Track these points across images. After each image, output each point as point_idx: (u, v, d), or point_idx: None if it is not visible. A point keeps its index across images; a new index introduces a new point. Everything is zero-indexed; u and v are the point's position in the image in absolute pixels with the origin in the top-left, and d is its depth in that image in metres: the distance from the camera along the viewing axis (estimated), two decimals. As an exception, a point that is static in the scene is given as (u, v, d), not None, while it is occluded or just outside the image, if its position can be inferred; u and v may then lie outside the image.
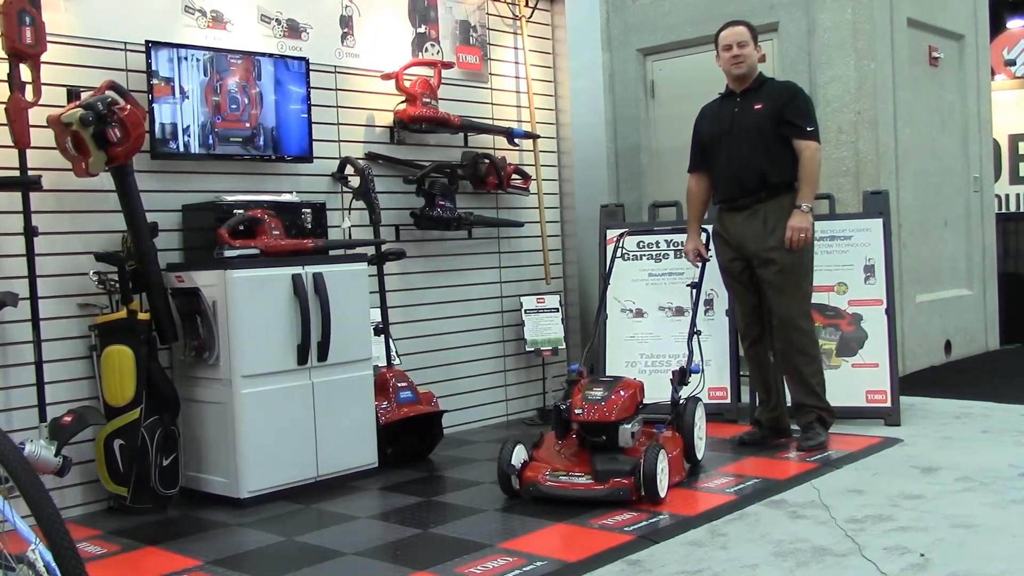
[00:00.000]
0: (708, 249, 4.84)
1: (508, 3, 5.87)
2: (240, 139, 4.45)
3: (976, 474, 4.00)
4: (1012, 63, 10.35)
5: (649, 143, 7.18)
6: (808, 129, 4.52)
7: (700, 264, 4.83)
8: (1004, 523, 3.37)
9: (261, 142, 4.53)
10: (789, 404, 4.80)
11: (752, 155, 4.56)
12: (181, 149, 4.26)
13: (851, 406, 5.11)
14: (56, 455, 3.59)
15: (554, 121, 6.16)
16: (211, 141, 4.35)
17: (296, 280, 4.18)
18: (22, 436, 3.70)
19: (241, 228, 4.20)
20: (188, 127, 4.26)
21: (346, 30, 5.06)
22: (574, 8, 6.13)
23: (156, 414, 4.03)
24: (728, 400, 5.37)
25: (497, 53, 5.85)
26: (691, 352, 4.57)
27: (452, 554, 3.28)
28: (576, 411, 3.93)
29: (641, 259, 5.65)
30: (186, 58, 4.26)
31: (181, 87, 4.24)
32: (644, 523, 3.54)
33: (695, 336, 4.62)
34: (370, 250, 4.75)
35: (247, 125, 4.47)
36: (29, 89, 3.76)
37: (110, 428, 3.97)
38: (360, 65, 5.12)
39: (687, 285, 4.84)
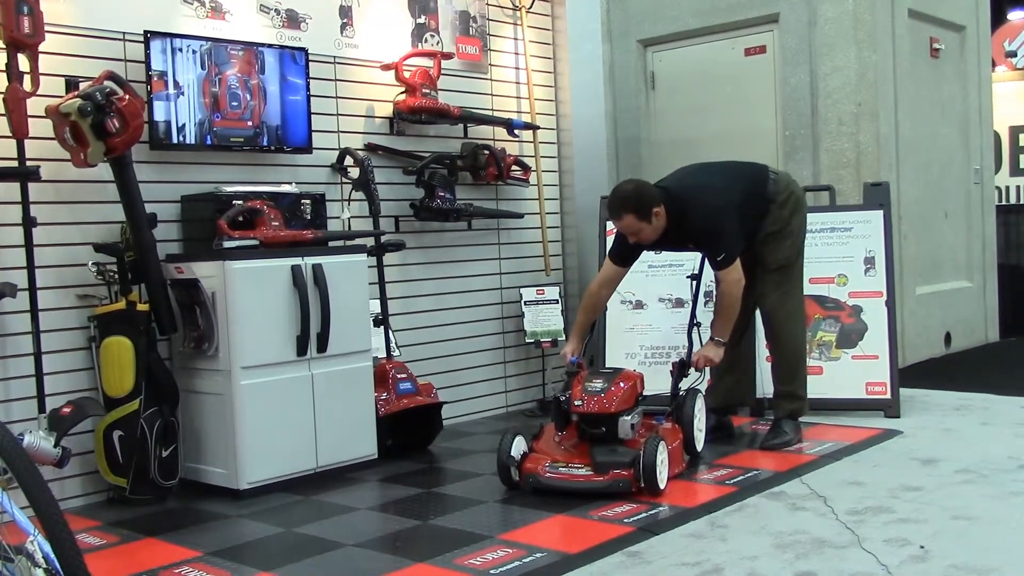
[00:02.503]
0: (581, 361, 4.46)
1: (508, -7, 5.86)
2: (241, 139, 4.45)
3: (976, 466, 4.00)
4: (1013, 55, 10.33)
5: (649, 135, 7.16)
6: (719, 259, 4.30)
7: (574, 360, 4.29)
8: (1004, 515, 3.37)
9: (264, 141, 4.52)
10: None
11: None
12: (177, 140, 4.25)
13: (851, 398, 5.12)
14: (55, 446, 3.58)
15: (554, 112, 6.15)
16: (209, 142, 4.34)
17: (295, 271, 4.17)
18: (21, 427, 3.70)
19: (240, 219, 4.19)
20: (184, 125, 4.24)
21: (345, 20, 5.05)
22: (574, -1, 6.12)
23: (155, 405, 4.03)
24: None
25: (497, 44, 5.83)
26: (691, 344, 4.57)
27: (452, 545, 3.28)
28: (576, 403, 3.93)
29: (641, 251, 5.63)
30: (181, 49, 4.23)
31: (176, 80, 4.22)
32: (644, 515, 3.54)
33: (695, 328, 4.62)
34: (369, 241, 4.75)
35: (249, 124, 4.46)
36: (27, 79, 3.74)
37: (109, 419, 3.97)
38: (359, 55, 5.11)
39: (687, 276, 4.82)
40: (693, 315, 4.68)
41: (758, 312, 4.74)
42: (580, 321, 4.52)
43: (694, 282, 4.75)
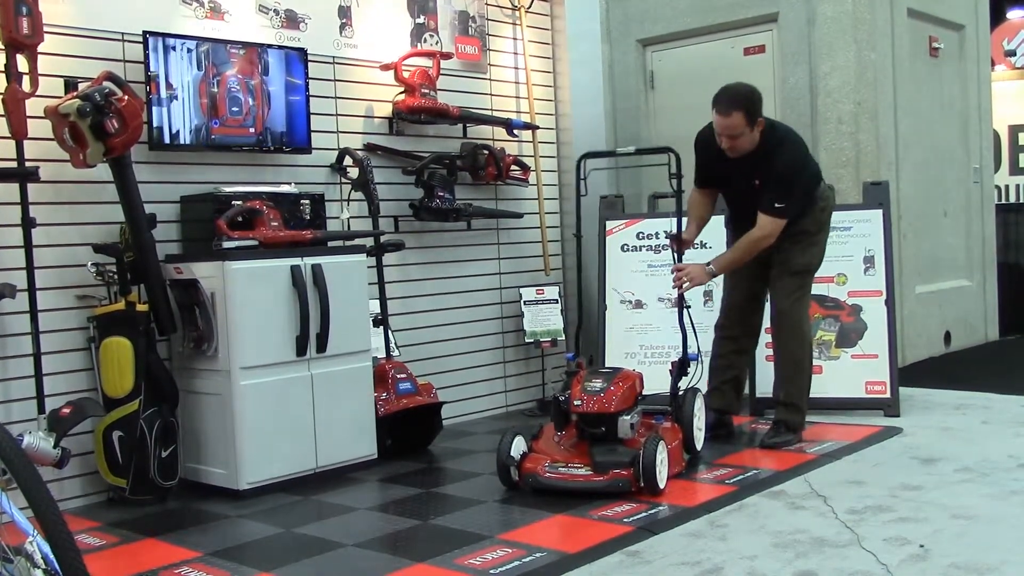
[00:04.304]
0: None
1: (507, -7, 5.86)
2: (242, 142, 4.45)
3: (975, 465, 4.00)
4: (1012, 53, 10.33)
5: (649, 134, 7.16)
6: (776, 205, 4.29)
7: (676, 247, 4.49)
8: (1004, 514, 3.37)
9: (265, 142, 4.52)
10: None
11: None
12: (172, 140, 4.26)
13: (850, 397, 5.12)
14: (55, 447, 3.57)
15: (553, 112, 6.15)
16: (208, 142, 4.34)
17: (295, 271, 4.17)
18: (21, 428, 3.69)
19: (239, 219, 4.19)
20: (182, 126, 4.23)
21: (344, 20, 5.05)
22: (573, -2, 6.12)
23: (155, 406, 4.03)
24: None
25: (496, 44, 5.83)
26: (684, 330, 4.43)
27: (452, 545, 3.28)
28: (575, 402, 3.93)
29: (640, 250, 5.64)
30: (175, 47, 4.22)
31: (169, 82, 4.21)
32: (643, 514, 3.54)
33: (685, 311, 4.46)
34: (369, 241, 4.74)
35: (251, 131, 4.46)
36: (26, 80, 3.74)
37: (109, 420, 3.97)
38: (359, 56, 5.11)
39: (664, 234, 4.52)
40: (681, 296, 4.45)
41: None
42: (694, 215, 4.56)
43: (672, 242, 4.51)
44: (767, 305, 4.72)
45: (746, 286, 4.65)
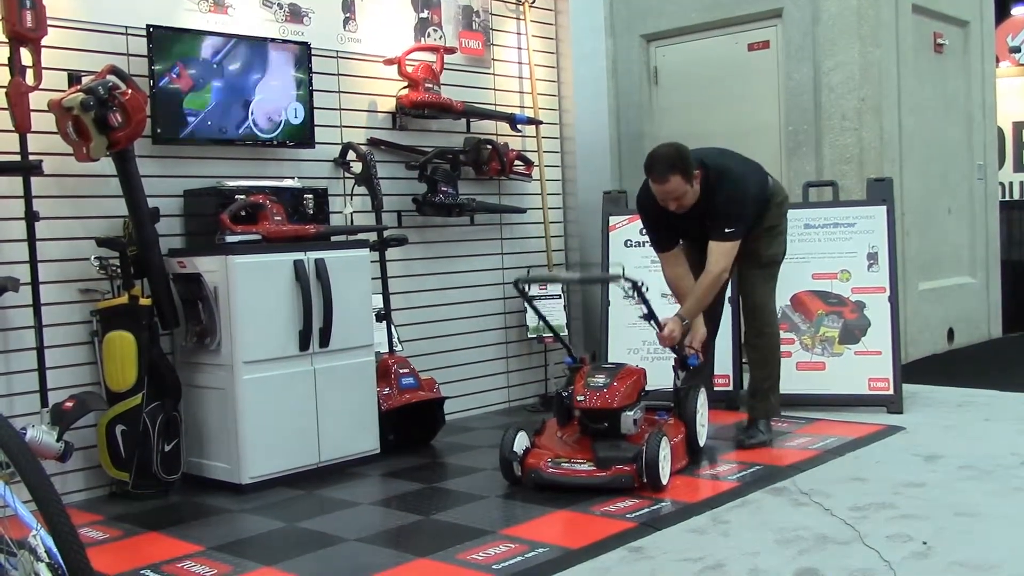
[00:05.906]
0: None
1: (511, -12, 5.85)
2: (244, 135, 4.45)
3: (978, 462, 3.99)
4: (1017, 50, 10.31)
5: (652, 129, 7.15)
6: (727, 231, 4.24)
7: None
8: (1006, 511, 3.37)
9: (267, 136, 4.52)
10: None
11: None
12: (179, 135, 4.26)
13: (853, 394, 5.11)
14: (58, 440, 3.59)
15: (557, 107, 6.14)
16: (211, 137, 4.35)
17: (298, 266, 4.17)
18: (24, 421, 3.70)
19: (243, 213, 4.19)
20: (186, 120, 4.24)
21: (348, 15, 5.04)
22: (577, -7, 6.11)
23: (158, 400, 4.03)
24: (731, 388, 5.36)
25: (500, 38, 5.82)
26: (685, 357, 4.42)
27: (454, 540, 3.28)
28: (578, 398, 3.93)
29: (643, 246, 5.62)
30: (184, 43, 4.22)
31: (176, 75, 4.21)
32: (646, 510, 3.54)
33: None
34: (372, 236, 4.74)
35: (255, 125, 4.46)
36: (30, 73, 3.74)
37: (112, 414, 3.97)
38: (362, 50, 5.10)
39: (640, 317, 4.36)
40: (658, 322, 4.34)
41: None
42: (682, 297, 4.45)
43: (650, 321, 4.36)
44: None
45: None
